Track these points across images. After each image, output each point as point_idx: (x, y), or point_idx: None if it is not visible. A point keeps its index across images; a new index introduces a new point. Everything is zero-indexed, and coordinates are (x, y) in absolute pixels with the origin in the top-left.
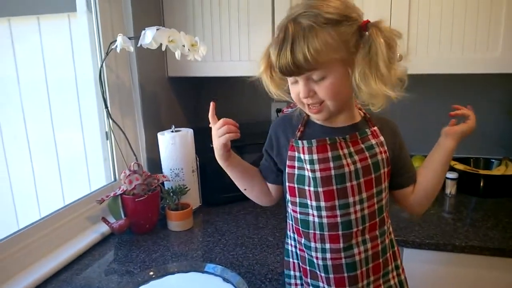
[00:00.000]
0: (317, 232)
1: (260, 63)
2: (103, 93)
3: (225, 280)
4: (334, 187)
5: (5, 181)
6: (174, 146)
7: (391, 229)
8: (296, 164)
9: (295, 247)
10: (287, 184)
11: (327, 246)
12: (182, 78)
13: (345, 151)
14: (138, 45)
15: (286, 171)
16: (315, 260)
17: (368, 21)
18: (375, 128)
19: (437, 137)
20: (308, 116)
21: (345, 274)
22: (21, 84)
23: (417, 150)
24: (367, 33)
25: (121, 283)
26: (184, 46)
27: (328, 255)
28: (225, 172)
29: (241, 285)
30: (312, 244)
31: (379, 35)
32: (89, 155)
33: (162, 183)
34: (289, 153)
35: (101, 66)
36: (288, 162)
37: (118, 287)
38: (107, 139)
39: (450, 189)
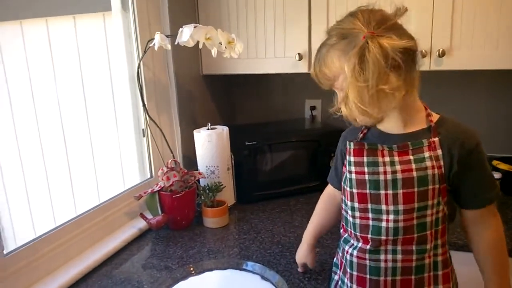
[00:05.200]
0: (351, 230)
1: None
2: (140, 90)
3: (264, 278)
4: (368, 191)
5: (43, 178)
6: (210, 143)
7: (440, 250)
8: (346, 164)
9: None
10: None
11: (358, 244)
12: (216, 76)
13: (387, 159)
14: (175, 43)
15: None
16: (345, 255)
17: (365, 35)
18: (436, 139)
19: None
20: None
21: (367, 276)
22: (57, 83)
23: None
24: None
25: (160, 278)
26: (221, 43)
27: (355, 252)
28: (259, 171)
29: (280, 283)
30: (350, 240)
31: (380, 48)
32: (123, 152)
33: (198, 180)
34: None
35: (139, 64)
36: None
37: (157, 282)
38: (143, 136)
39: None
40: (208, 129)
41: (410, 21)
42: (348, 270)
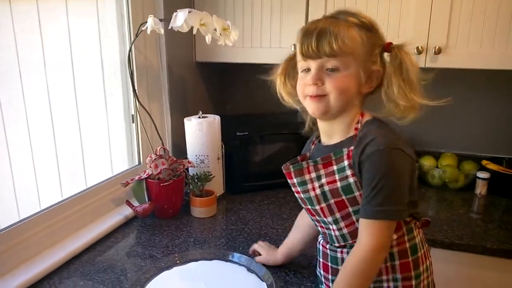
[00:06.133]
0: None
1: (279, 66)
2: (131, 75)
3: (250, 270)
4: (309, 207)
5: (29, 161)
6: (201, 132)
7: (395, 242)
8: None
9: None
10: None
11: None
12: (210, 63)
13: (313, 175)
14: (169, 27)
15: None
16: (317, 244)
17: (391, 43)
18: (352, 147)
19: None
20: (316, 137)
21: (329, 264)
22: (47, 65)
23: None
24: (392, 52)
25: (144, 267)
26: (215, 30)
27: (321, 241)
28: (249, 161)
29: (266, 277)
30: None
31: (407, 54)
32: (112, 138)
33: (187, 169)
34: None
35: (130, 47)
36: None
37: (141, 271)
38: (132, 122)
39: (481, 189)
40: (199, 117)
41: (409, 16)
42: (317, 257)
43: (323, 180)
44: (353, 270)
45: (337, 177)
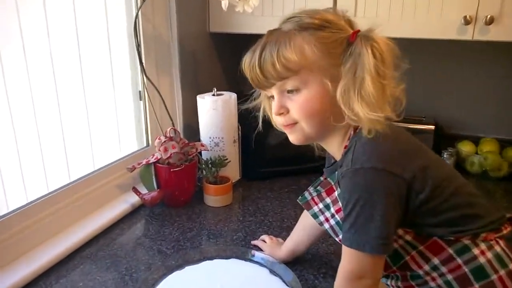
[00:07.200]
0: None
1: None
2: (137, 45)
3: (272, 272)
4: (336, 238)
5: (35, 140)
6: (215, 112)
7: (444, 269)
8: None
9: None
10: None
11: None
12: (225, 34)
13: (320, 205)
14: None
15: None
16: None
17: (358, 31)
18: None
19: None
20: None
21: None
22: (51, 38)
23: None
24: (352, 46)
25: (152, 265)
26: None
27: None
28: (268, 145)
29: (294, 283)
30: None
31: (367, 45)
32: (120, 116)
33: (200, 153)
34: None
35: (137, 13)
36: None
37: (149, 271)
38: (140, 99)
39: None
40: (213, 95)
41: None
42: None
43: (332, 210)
44: None
45: (341, 203)
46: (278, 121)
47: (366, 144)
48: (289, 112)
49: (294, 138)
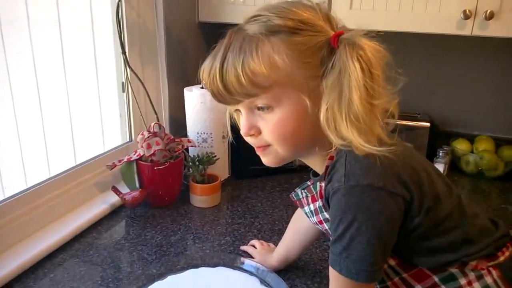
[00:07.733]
0: None
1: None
2: (120, 34)
3: (264, 283)
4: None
5: (14, 134)
6: (203, 105)
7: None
8: None
9: None
10: None
11: None
12: (215, 24)
13: (311, 207)
14: None
15: None
16: None
17: (341, 33)
18: (323, 183)
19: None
20: None
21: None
22: (31, 24)
23: None
24: (337, 52)
25: (131, 275)
26: None
27: None
28: None
29: None
30: None
31: (353, 55)
32: (104, 109)
33: (186, 149)
34: None
35: (119, 0)
36: None
37: (127, 280)
38: (123, 91)
39: None
40: (202, 87)
41: None
42: None
43: (326, 214)
44: None
45: (321, 217)
46: (248, 141)
47: (360, 155)
48: (261, 133)
49: (267, 161)
